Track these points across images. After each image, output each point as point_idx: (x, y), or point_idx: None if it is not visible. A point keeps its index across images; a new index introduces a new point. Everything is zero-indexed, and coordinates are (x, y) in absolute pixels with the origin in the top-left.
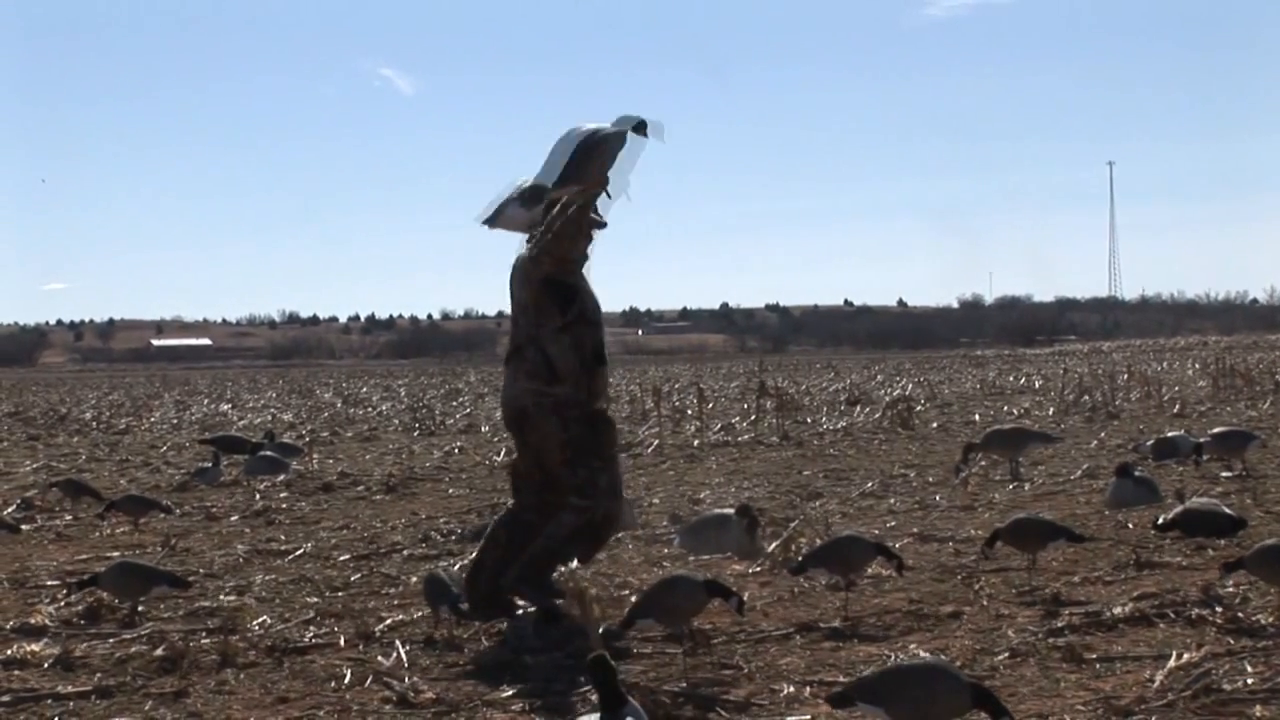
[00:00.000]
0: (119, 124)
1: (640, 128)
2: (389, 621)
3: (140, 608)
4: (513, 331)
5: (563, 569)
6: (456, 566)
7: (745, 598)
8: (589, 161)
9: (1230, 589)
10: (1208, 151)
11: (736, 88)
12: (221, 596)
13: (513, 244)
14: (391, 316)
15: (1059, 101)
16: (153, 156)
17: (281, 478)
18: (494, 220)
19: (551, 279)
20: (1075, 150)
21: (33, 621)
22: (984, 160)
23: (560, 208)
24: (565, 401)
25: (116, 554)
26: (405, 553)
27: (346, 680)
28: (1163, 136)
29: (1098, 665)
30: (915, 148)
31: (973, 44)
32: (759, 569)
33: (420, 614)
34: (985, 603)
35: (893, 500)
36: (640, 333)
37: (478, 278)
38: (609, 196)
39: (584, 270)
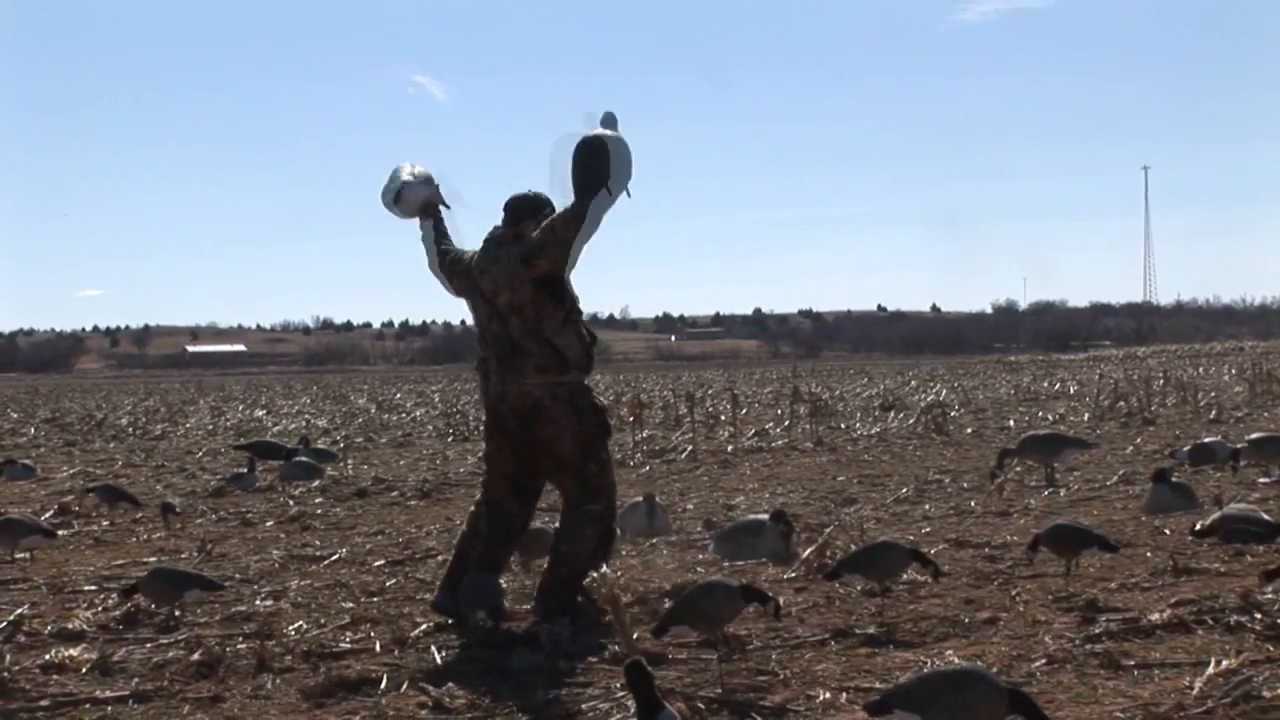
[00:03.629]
0: (154, 131)
1: (609, 122)
2: (424, 627)
3: (177, 612)
4: (500, 333)
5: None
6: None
7: (781, 603)
8: (600, 164)
9: (1269, 595)
10: (1243, 155)
11: (771, 94)
12: (257, 602)
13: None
14: (425, 322)
15: (1093, 106)
16: (188, 163)
17: (316, 483)
18: (396, 201)
19: (544, 276)
20: (1110, 155)
21: (70, 626)
22: (1018, 165)
23: (571, 212)
24: (578, 389)
25: (153, 559)
26: (439, 558)
27: (382, 685)
28: (1198, 140)
29: (1136, 672)
30: (949, 153)
31: (1005, 48)
32: (794, 574)
33: (455, 619)
34: (1022, 609)
35: (928, 506)
36: (674, 338)
37: None
38: (628, 194)
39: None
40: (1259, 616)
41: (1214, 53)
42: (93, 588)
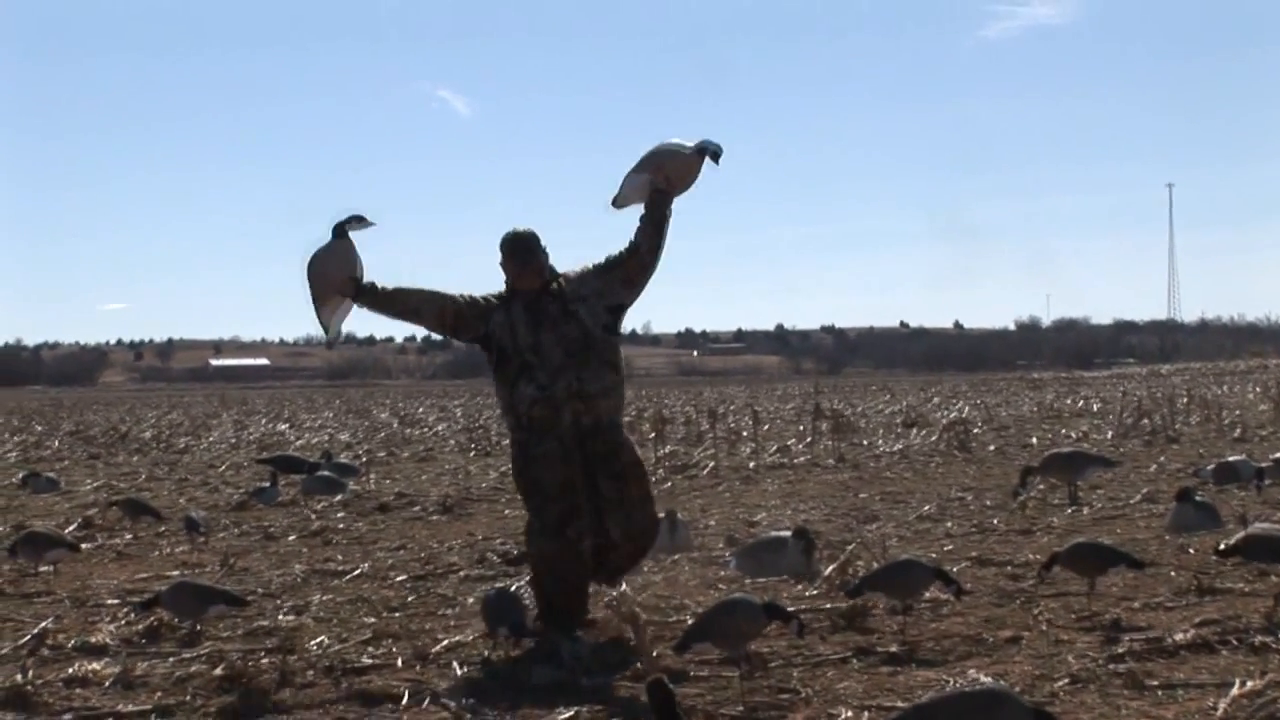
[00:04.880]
0: (178, 145)
1: (708, 152)
2: (446, 642)
3: (199, 627)
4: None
5: (614, 593)
6: (514, 587)
7: (803, 621)
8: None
9: None
10: (1268, 172)
11: (795, 111)
12: (280, 616)
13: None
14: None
15: (1117, 123)
16: (212, 177)
17: (338, 498)
18: (619, 200)
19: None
20: (1134, 172)
21: (94, 640)
22: (1041, 182)
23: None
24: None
25: (176, 573)
26: (462, 574)
27: (404, 701)
28: (1222, 157)
29: (1159, 692)
30: (972, 170)
31: (1028, 65)
32: (815, 592)
33: (477, 635)
34: (1045, 628)
35: (950, 524)
36: (695, 354)
37: None
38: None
39: None
40: None
41: (1238, 69)
42: (116, 601)
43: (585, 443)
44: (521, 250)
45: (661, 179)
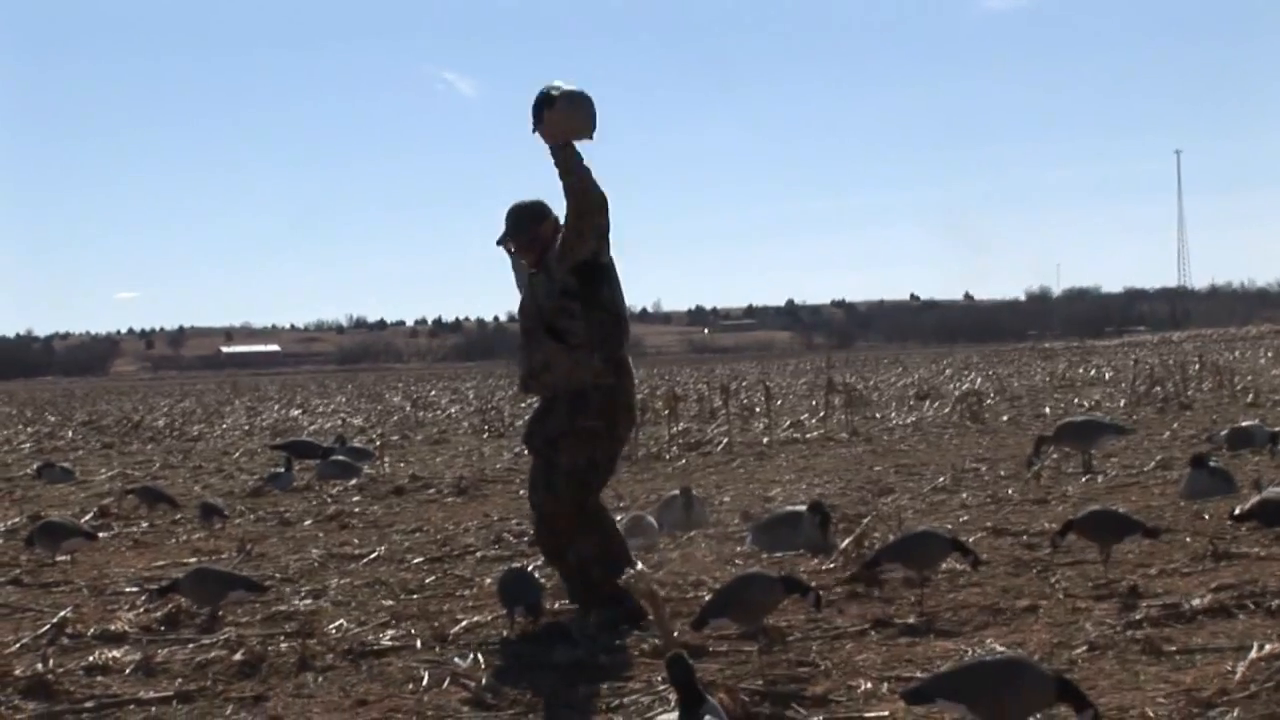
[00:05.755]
0: (186, 132)
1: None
2: (464, 623)
3: (219, 613)
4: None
5: (631, 570)
6: (530, 568)
7: (820, 594)
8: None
9: None
10: (1276, 139)
11: (801, 86)
12: (298, 600)
13: None
14: (458, 319)
15: (1124, 91)
16: (220, 164)
17: (353, 482)
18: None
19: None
20: (1142, 140)
21: (113, 628)
22: (1049, 152)
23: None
24: None
25: (193, 560)
26: (478, 554)
27: (424, 682)
28: (1230, 124)
29: (1177, 658)
30: (980, 141)
31: (1034, 35)
32: (832, 565)
33: (495, 615)
34: (1061, 596)
35: (965, 495)
36: (706, 331)
37: None
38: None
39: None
40: None
41: (1245, 35)
42: (134, 589)
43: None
44: (509, 222)
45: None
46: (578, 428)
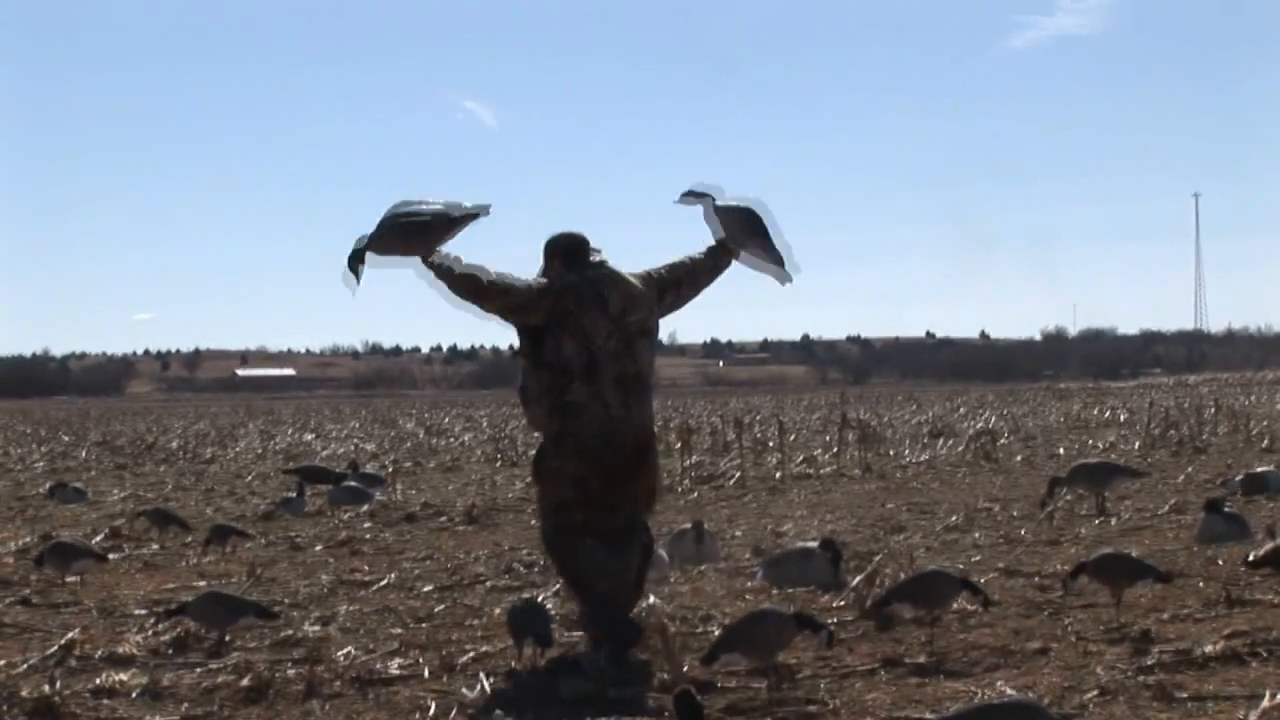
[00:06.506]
0: (205, 155)
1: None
2: (473, 653)
3: (227, 637)
4: (620, 351)
5: (644, 604)
6: (540, 598)
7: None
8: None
9: None
10: None
11: (821, 120)
12: (306, 626)
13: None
14: (473, 346)
15: (1143, 133)
16: (238, 187)
17: (365, 508)
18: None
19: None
20: (1160, 182)
21: (121, 650)
22: (1068, 192)
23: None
24: None
25: (203, 583)
26: (488, 584)
27: (431, 712)
28: (1249, 168)
29: (1189, 704)
30: (998, 179)
31: (1055, 75)
32: (842, 603)
33: (504, 646)
34: (1073, 639)
35: (977, 534)
36: (721, 364)
37: None
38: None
39: None
40: None
41: (1264, 79)
42: (143, 612)
43: None
44: (562, 249)
45: (735, 254)
46: (542, 468)
